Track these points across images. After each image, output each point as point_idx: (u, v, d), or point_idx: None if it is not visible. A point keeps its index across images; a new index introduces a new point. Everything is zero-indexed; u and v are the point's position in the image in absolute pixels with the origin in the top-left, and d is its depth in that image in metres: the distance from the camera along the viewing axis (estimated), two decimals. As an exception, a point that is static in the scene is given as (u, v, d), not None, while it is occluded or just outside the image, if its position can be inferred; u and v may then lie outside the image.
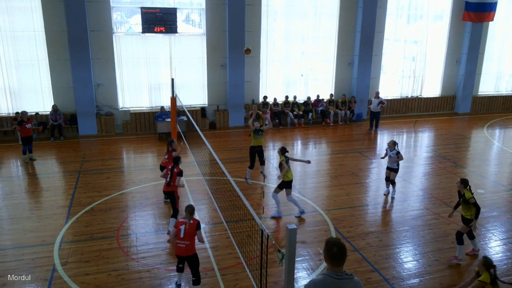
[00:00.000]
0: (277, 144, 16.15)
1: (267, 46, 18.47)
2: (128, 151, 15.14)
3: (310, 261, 8.13)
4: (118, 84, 16.92)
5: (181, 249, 6.81)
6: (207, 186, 10.93)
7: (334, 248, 3.74)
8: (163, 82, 17.24)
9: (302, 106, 18.84)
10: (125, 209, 10.26)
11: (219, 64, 17.78)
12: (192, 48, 17.57)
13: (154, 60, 17.24)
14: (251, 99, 18.68)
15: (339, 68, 19.63)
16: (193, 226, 6.77)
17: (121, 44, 16.67)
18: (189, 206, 6.97)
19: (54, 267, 7.73)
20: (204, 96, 18.17)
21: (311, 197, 11.07)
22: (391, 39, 20.22)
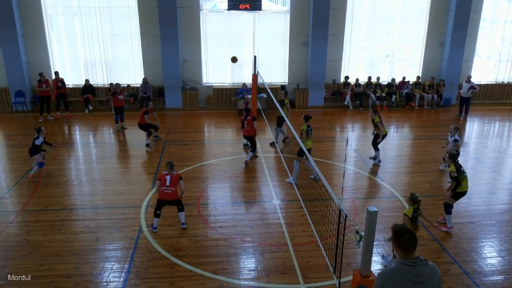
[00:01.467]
0: (357, 126, 15.83)
1: (352, 25, 17.92)
2: (209, 125, 15.71)
3: (386, 246, 7.99)
4: (203, 60, 17.50)
5: (168, 194, 8.08)
6: (284, 164, 11.07)
7: (405, 235, 3.64)
8: (245, 59, 17.51)
9: (385, 87, 18.16)
10: (205, 180, 10.74)
11: (302, 42, 17.63)
12: (275, 25, 17.59)
13: (237, 37, 17.53)
14: (332, 78, 18.37)
15: (428, 49, 18.55)
16: (176, 177, 8.18)
17: (207, 21, 17.15)
18: (170, 162, 8.32)
19: (140, 228, 8.38)
20: (284, 74, 18.21)
21: (390, 182, 10.77)
22: (489, 20, 18.63)
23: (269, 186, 10.43)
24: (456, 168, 8.35)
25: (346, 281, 6.61)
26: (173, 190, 8.10)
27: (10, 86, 16.66)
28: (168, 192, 8.09)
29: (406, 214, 7.01)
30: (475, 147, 13.70)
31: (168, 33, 16.50)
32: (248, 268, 7.27)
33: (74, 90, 17.19)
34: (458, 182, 8.33)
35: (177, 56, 16.89)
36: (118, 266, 7.18)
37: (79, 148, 13.18)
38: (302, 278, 7.03)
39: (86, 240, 7.97)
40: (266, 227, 8.55)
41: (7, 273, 6.95)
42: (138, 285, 6.71)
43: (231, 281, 6.91)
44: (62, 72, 16.53)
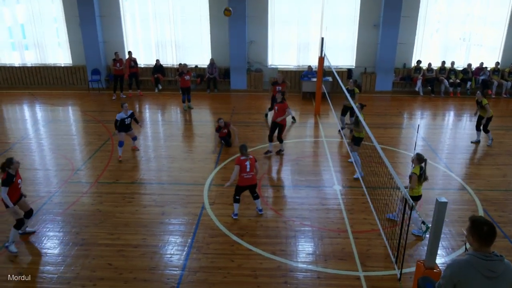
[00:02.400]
0: (427, 114, 15.14)
1: (427, 5, 16.97)
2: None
3: (452, 240, 7.66)
4: (269, 42, 17.47)
5: (249, 179, 7.98)
6: (348, 148, 10.88)
7: (484, 226, 3.45)
8: (312, 41, 17.25)
9: (460, 73, 17.12)
10: (267, 162, 10.84)
11: (372, 23, 17.02)
12: (345, 6, 17.11)
13: (305, 19, 17.26)
14: (402, 62, 17.62)
15: (510, 33, 17.15)
16: (253, 160, 8.01)
17: (275, 2, 17.02)
18: (244, 145, 8.05)
19: (203, 205, 8.67)
20: (352, 58, 17.73)
21: (460, 173, 10.25)
22: None
23: (331, 171, 10.33)
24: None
25: (407, 272, 6.44)
26: (253, 175, 8.06)
27: (88, 64, 17.72)
28: (248, 178, 8.00)
29: (414, 172, 7.21)
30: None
31: (236, 14, 16.59)
32: (306, 251, 7.31)
33: (145, 69, 17.93)
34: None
35: (244, 38, 16.99)
36: (181, 240, 7.51)
37: (148, 126, 13.79)
38: (360, 265, 6.95)
39: (153, 213, 8.40)
40: (326, 212, 8.51)
41: (81, 239, 7.52)
42: (199, 260, 6.99)
43: (289, 262, 6.98)
44: (134, 52, 17.28)
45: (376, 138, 11.67)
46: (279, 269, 6.81)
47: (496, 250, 6.71)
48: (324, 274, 6.76)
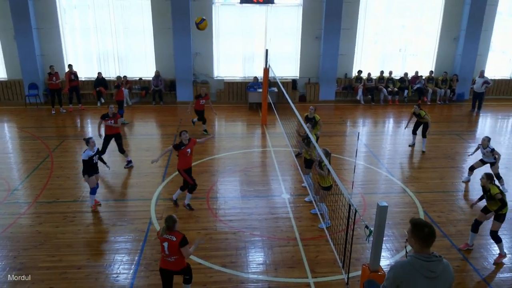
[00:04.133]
0: (368, 121, 15.73)
1: (365, 18, 17.75)
2: (220, 119, 15.74)
3: (395, 242, 7.97)
4: (214, 54, 17.50)
5: (169, 263, 5.83)
6: (294, 158, 11.06)
7: (425, 228, 3.59)
8: (257, 53, 17.48)
9: (397, 82, 18.00)
10: (216, 174, 10.79)
11: (314, 36, 17.53)
12: (288, 19, 17.52)
13: (249, 31, 17.49)
14: (344, 72, 18.25)
15: (442, 43, 18.31)
16: (175, 244, 5.66)
17: (219, 14, 17.13)
18: (168, 219, 5.74)
19: (150, 221, 8.46)
20: (296, 68, 18.14)
21: (400, 177, 10.71)
22: (505, 13, 18.30)
23: (279, 180, 10.45)
24: (498, 188, 7.42)
25: (354, 276, 6.61)
26: (176, 259, 5.78)
27: (24, 78, 16.87)
28: (169, 261, 5.81)
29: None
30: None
31: (180, 26, 16.53)
32: (256, 261, 7.32)
33: (86, 83, 17.35)
34: (505, 203, 7.31)
35: (189, 50, 16.92)
36: (128, 258, 7.27)
37: (91, 141, 13.29)
38: (310, 272, 7.06)
39: (97, 232, 8.08)
40: (275, 221, 8.58)
41: (19, 263, 7.08)
42: (147, 277, 6.79)
43: (240, 274, 6.95)
44: (75, 65, 16.68)
45: (323, 146, 11.97)
46: (230, 282, 6.77)
47: (436, 249, 7.05)
48: (274, 283, 6.79)
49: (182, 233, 5.78)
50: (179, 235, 5.70)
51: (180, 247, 5.66)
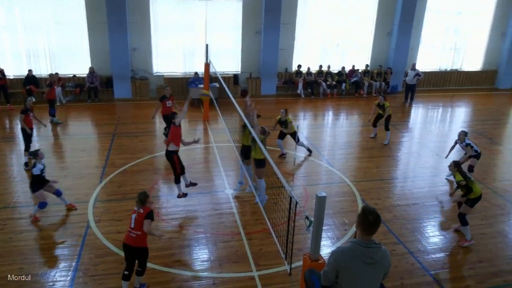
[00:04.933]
0: (308, 114, 16.07)
1: (305, 14, 18.06)
2: (161, 116, 15.37)
3: (335, 230, 8.21)
4: (153, 49, 17.08)
5: (131, 238, 6.10)
6: (237, 153, 11.05)
7: (370, 216, 3.69)
8: (197, 48, 17.27)
9: (335, 76, 18.52)
10: (157, 172, 10.56)
11: (254, 30, 17.59)
12: (228, 13, 17.44)
13: (189, 25, 17.23)
14: (284, 67, 18.49)
15: (377, 38, 19.06)
16: (141, 215, 6.06)
17: (157, 9, 16.72)
18: (141, 193, 6.19)
19: (88, 224, 8.12)
20: (237, 63, 18.13)
21: (340, 168, 11.05)
22: (434, 10, 19.35)
23: (222, 176, 10.41)
24: (462, 175, 7.90)
25: (297, 266, 6.73)
26: (138, 235, 6.09)
27: None
28: (131, 236, 6.12)
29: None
30: (419, 132, 14.30)
31: (116, 21, 15.94)
32: (201, 259, 7.26)
33: (15, 81, 16.30)
34: (469, 188, 7.83)
35: (126, 45, 16.38)
36: (65, 265, 6.94)
37: (21, 143, 12.52)
38: (254, 265, 7.11)
39: (30, 239, 7.63)
40: (219, 217, 8.55)
41: None
42: (86, 283, 6.52)
43: (184, 273, 6.86)
44: (1, 63, 15.61)
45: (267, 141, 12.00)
46: (174, 281, 6.66)
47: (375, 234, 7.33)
48: (219, 279, 6.77)
49: (151, 208, 6.21)
50: (147, 209, 6.12)
51: (144, 218, 6.03)
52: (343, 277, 3.78)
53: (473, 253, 7.64)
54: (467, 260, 7.49)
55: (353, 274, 3.73)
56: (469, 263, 7.42)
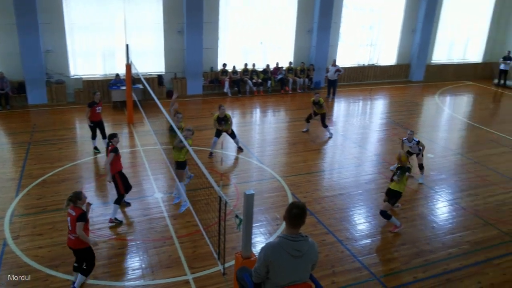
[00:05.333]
0: (236, 113, 16.10)
1: (226, 12, 18.05)
2: (81, 121, 14.57)
3: (268, 226, 8.30)
4: (69, 50, 16.13)
5: (70, 241, 6.17)
6: (164, 156, 10.79)
7: (294, 209, 3.80)
8: (117, 48, 16.59)
9: (261, 74, 18.74)
10: (80, 180, 10.01)
11: (176, 30, 17.26)
12: (148, 12, 16.92)
13: (108, 25, 16.49)
14: (209, 66, 18.37)
15: (298, 35, 19.54)
16: (74, 218, 5.96)
17: (71, 8, 15.79)
18: (73, 193, 6.12)
19: (5, 242, 7.49)
20: (161, 64, 17.69)
21: (269, 164, 11.19)
22: (350, 7, 20.25)
23: (150, 180, 10.11)
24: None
25: (231, 266, 6.70)
26: (76, 237, 6.06)
27: None
28: (70, 238, 6.15)
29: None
30: (342, 125, 14.91)
31: (25, 21, 14.80)
32: (131, 267, 6.99)
33: None
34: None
35: (38, 47, 15.29)
36: (-22, 287, 6.35)
37: None
38: (188, 269, 6.99)
39: None
40: (149, 222, 8.30)
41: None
42: (4, 305, 6.02)
43: (114, 284, 6.57)
44: None
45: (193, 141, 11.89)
46: (103, 293, 6.35)
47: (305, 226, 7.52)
48: (152, 286, 6.57)
49: (83, 209, 6.06)
50: (79, 211, 5.97)
51: (76, 221, 5.89)
52: (273, 272, 3.85)
53: (397, 237, 8.11)
54: (391, 244, 7.93)
55: (282, 267, 3.81)
56: (393, 246, 7.87)
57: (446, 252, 7.73)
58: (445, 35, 22.62)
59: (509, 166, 11.61)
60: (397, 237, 8.12)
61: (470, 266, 7.37)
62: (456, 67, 23.26)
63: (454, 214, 9.07)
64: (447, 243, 8.03)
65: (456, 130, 14.89)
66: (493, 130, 14.61)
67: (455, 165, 11.62)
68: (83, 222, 5.97)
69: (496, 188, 10.27)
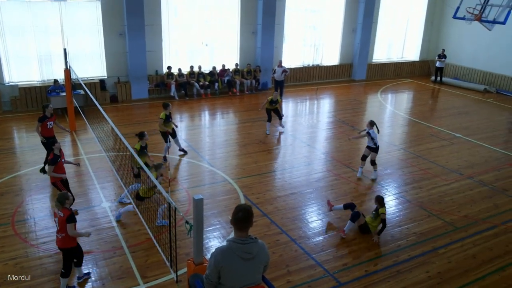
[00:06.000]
0: (185, 116, 15.86)
1: (168, 13, 17.73)
2: (19, 130, 13.80)
3: (222, 229, 8.22)
4: (2, 56, 15.18)
5: (58, 240, 6.36)
6: (110, 163, 10.40)
7: (239, 213, 3.78)
8: (55, 53, 15.81)
9: (208, 76, 18.59)
10: (20, 193, 9.43)
11: (117, 32, 16.74)
12: (86, 15, 16.27)
13: (43, 29, 15.68)
14: (154, 69, 17.97)
15: (243, 37, 19.58)
16: (63, 219, 6.13)
17: (2, 11, 14.87)
18: (59, 195, 6.32)
19: None
20: (102, 68, 17.07)
21: (220, 167, 11.10)
22: (293, 8, 20.57)
23: (96, 189, 9.71)
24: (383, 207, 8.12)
25: (184, 273, 6.56)
26: (63, 237, 6.24)
27: None
28: (58, 237, 6.34)
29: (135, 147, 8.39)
30: (291, 125, 15.09)
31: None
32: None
33: None
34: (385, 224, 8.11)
35: (-33, 53, 14.29)
36: None
37: None
38: (141, 278, 6.78)
39: None
40: (97, 233, 7.96)
41: None
42: None
43: (61, 300, 6.22)
44: None
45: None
46: (50, 311, 6.00)
47: (259, 227, 7.51)
48: (103, 300, 6.29)
49: (71, 210, 6.27)
50: (67, 212, 6.14)
51: (66, 222, 6.07)
52: (224, 277, 3.80)
53: (348, 233, 8.29)
54: (343, 240, 8.10)
55: (234, 271, 3.78)
56: (344, 242, 8.04)
57: (395, 245, 8.02)
58: (384, 35, 23.55)
59: (449, 158, 12.26)
60: (348, 233, 8.29)
61: (418, 257, 7.68)
62: (395, 66, 24.29)
63: (400, 207, 9.43)
64: (395, 235, 8.32)
65: (399, 126, 15.52)
66: (433, 124, 15.39)
67: (399, 160, 12.10)
68: (73, 223, 6.20)
69: (438, 180, 10.80)
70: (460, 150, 12.94)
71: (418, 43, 24.73)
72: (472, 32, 21.44)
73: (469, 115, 16.96)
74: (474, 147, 13.23)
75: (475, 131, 14.82)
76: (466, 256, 7.78)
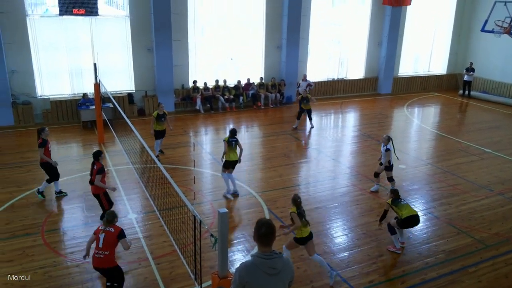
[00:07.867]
0: (209, 129, 16.02)
1: (195, 30, 18.08)
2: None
3: (246, 243, 8.21)
4: (35, 71, 15.75)
5: (99, 260, 6.15)
6: (137, 175, 10.58)
7: (262, 228, 3.77)
8: (85, 68, 16.30)
9: (232, 90, 18.77)
10: (50, 203, 9.68)
11: (145, 47, 17.15)
12: (116, 31, 16.77)
13: (74, 44, 16.23)
14: (180, 83, 18.29)
15: (268, 51, 19.74)
16: (113, 235, 6.15)
17: (36, 28, 15.47)
18: (109, 213, 6.41)
19: (-30, 271, 7.13)
20: (131, 82, 17.48)
21: (245, 180, 11.13)
22: (317, 23, 20.66)
23: (123, 200, 9.87)
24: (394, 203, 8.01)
25: (209, 285, 6.58)
26: (106, 255, 6.11)
27: None
28: (98, 257, 6.14)
29: (292, 211, 7.11)
30: (315, 139, 15.04)
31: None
32: (106, 292, 6.74)
33: None
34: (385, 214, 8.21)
35: (3, 67, 14.87)
36: None
37: None
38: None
39: None
40: (123, 244, 8.05)
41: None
42: None
43: (88, 310, 6.32)
44: None
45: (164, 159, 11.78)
46: (77, 321, 6.09)
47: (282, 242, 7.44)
48: (128, 311, 6.35)
49: (120, 227, 6.36)
50: (118, 228, 6.27)
51: (118, 239, 6.15)
52: None
53: (374, 249, 8.16)
54: (369, 256, 7.96)
55: (258, 287, 3.74)
56: (371, 258, 7.90)
57: (423, 262, 7.83)
58: (410, 49, 23.32)
59: (479, 174, 11.95)
60: (374, 249, 8.16)
61: (446, 275, 7.48)
62: (422, 79, 23.97)
63: (428, 224, 9.22)
64: (423, 252, 8.13)
65: (426, 140, 15.25)
66: (461, 139, 15.06)
67: (427, 175, 11.86)
68: (125, 237, 6.34)
69: (468, 196, 10.53)
70: (490, 166, 12.60)
71: (445, 56, 24.36)
72: (501, 46, 21.03)
73: (500, 129, 16.53)
74: (504, 163, 12.86)
75: (505, 146, 14.42)
76: (498, 276, 7.52)
